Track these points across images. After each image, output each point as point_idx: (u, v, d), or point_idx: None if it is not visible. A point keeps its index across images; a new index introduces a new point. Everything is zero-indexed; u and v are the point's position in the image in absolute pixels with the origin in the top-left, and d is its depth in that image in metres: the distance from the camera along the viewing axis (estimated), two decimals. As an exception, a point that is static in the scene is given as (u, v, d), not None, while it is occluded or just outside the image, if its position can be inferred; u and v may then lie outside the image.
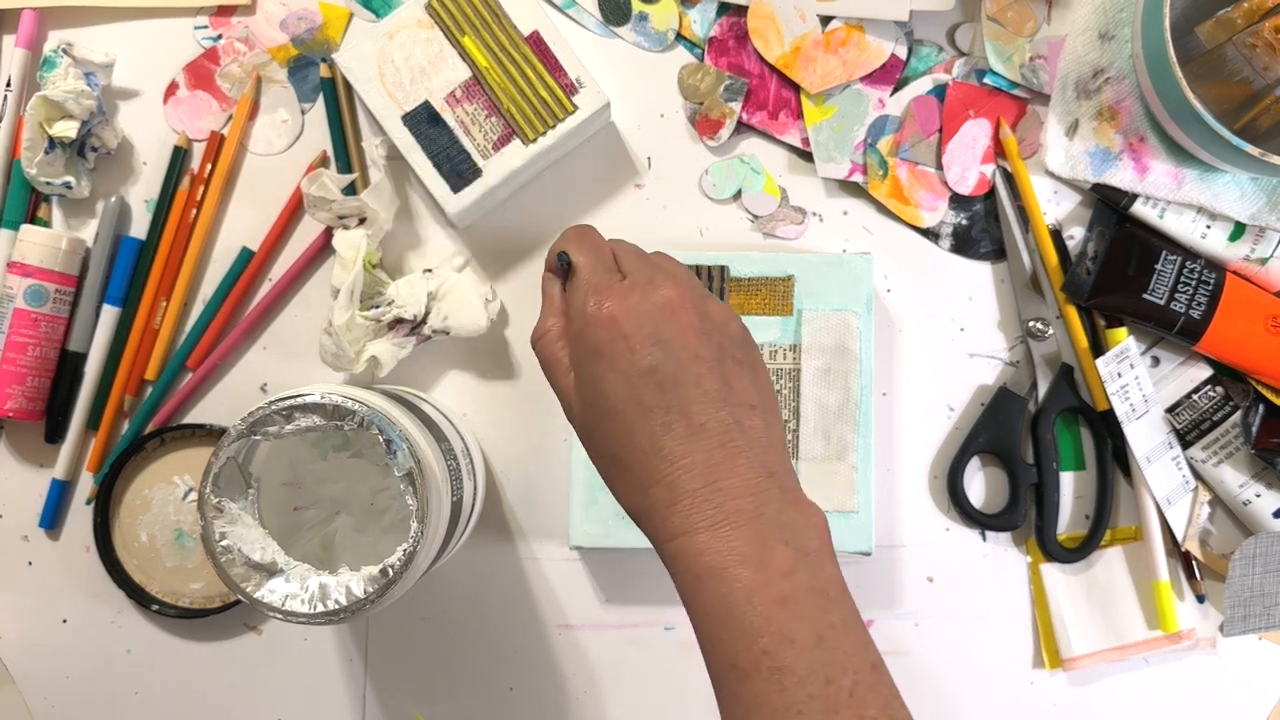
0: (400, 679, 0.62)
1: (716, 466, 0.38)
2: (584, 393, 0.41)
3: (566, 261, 0.43)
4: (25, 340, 0.59)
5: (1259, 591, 0.60)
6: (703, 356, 0.39)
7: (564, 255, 0.43)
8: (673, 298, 0.40)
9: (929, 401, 0.63)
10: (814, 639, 0.36)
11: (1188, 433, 0.61)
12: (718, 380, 0.39)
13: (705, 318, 0.41)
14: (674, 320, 0.39)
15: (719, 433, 0.39)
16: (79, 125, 0.59)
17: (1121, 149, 0.61)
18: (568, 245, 0.44)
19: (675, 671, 0.62)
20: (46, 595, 0.62)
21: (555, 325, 0.43)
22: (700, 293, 0.42)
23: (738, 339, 0.42)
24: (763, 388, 0.41)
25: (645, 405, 0.39)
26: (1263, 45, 0.57)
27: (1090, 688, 0.62)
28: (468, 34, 0.58)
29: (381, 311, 0.59)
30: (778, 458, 0.40)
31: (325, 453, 0.57)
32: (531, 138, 0.58)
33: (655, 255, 0.44)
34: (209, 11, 0.62)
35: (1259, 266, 0.60)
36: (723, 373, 0.40)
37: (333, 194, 0.58)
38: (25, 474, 0.62)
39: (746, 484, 0.38)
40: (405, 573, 0.47)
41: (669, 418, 0.38)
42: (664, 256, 0.44)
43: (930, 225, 0.63)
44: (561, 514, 0.62)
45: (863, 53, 0.61)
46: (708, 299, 0.42)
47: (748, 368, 0.41)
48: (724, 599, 0.37)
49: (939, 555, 0.62)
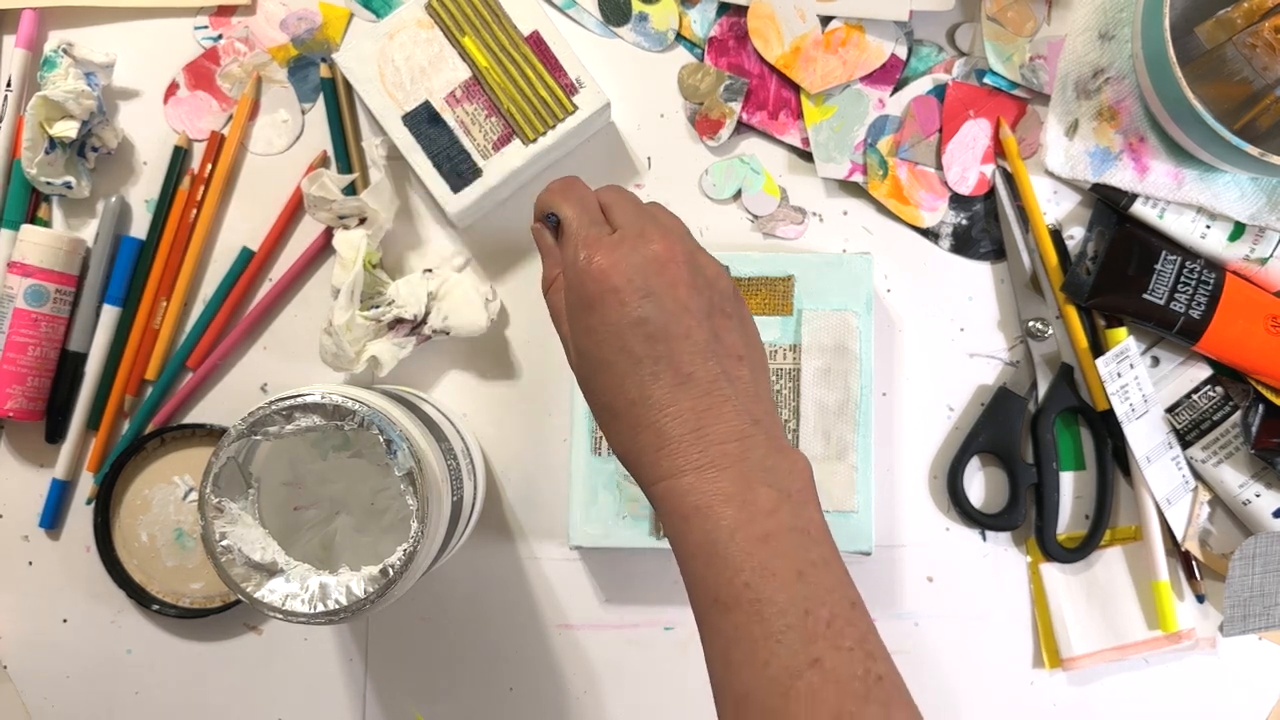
0: (400, 679, 0.62)
1: (703, 414, 0.39)
2: (578, 342, 0.42)
3: (555, 220, 0.44)
4: (25, 340, 0.59)
5: (1259, 591, 0.60)
6: (692, 309, 0.40)
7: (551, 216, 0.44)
8: (662, 251, 0.41)
9: (929, 401, 0.63)
10: (794, 574, 0.37)
11: (1187, 433, 0.61)
12: (706, 332, 0.40)
13: (696, 271, 0.41)
14: (663, 273, 0.40)
15: (706, 382, 0.40)
16: (79, 125, 0.59)
17: (1121, 149, 0.61)
18: (553, 199, 0.44)
19: (675, 671, 0.62)
20: (47, 595, 0.62)
21: (559, 274, 0.44)
22: (692, 246, 0.42)
23: (727, 293, 0.42)
24: (750, 340, 0.42)
25: (635, 356, 0.40)
26: (1263, 45, 0.57)
27: (1090, 688, 0.62)
28: (468, 34, 0.58)
29: (381, 311, 0.59)
30: (764, 407, 0.41)
31: (325, 453, 0.57)
32: (531, 138, 0.58)
33: (650, 206, 0.44)
34: (209, 11, 0.62)
35: (1259, 266, 0.60)
36: (711, 325, 0.41)
37: (333, 194, 0.58)
38: (25, 474, 0.62)
39: (732, 430, 0.39)
40: (405, 573, 0.47)
41: (657, 368, 0.39)
42: (658, 207, 0.44)
43: (930, 225, 0.63)
44: (561, 514, 0.62)
45: (863, 53, 0.61)
46: (699, 253, 0.42)
47: (736, 321, 0.42)
48: (708, 536, 0.38)
49: (939, 555, 0.62)
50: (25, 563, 0.62)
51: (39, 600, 0.62)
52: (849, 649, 0.36)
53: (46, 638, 0.62)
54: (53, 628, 0.62)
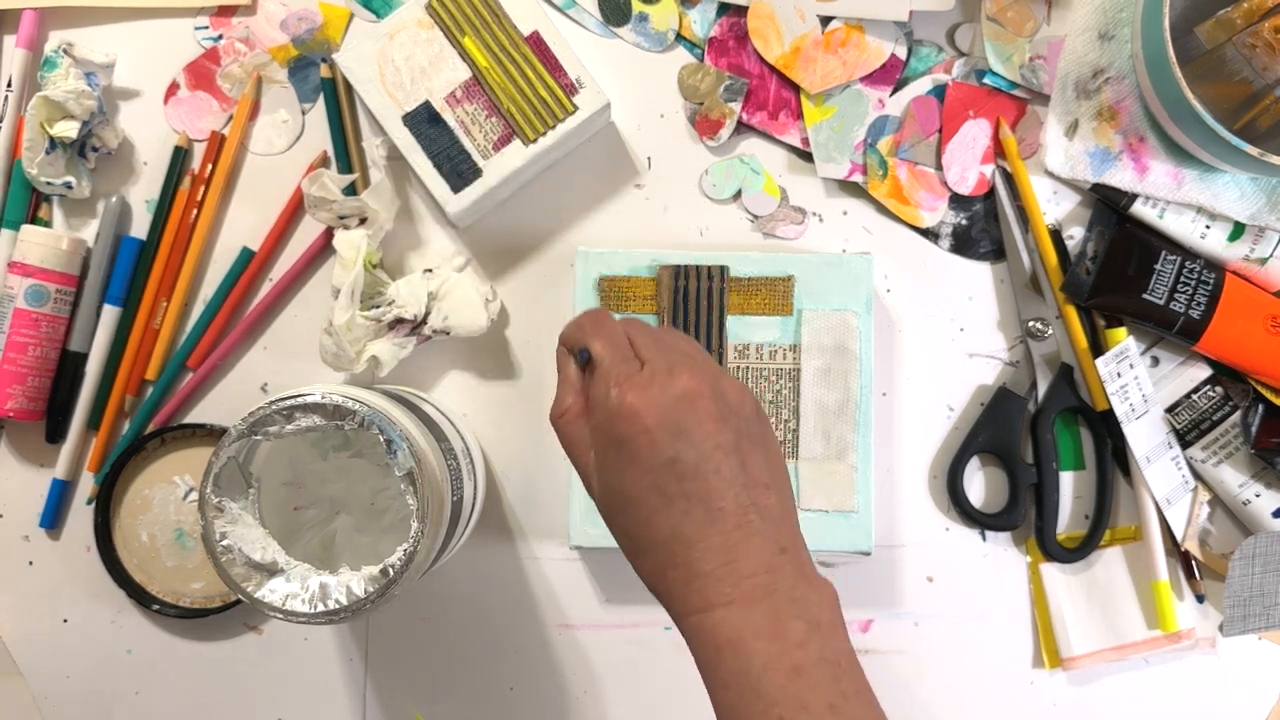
0: (400, 679, 0.62)
1: (733, 548, 0.40)
2: (605, 477, 0.42)
3: (587, 356, 0.44)
4: (26, 340, 0.59)
5: (1259, 591, 0.60)
6: (722, 444, 0.40)
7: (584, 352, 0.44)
8: (691, 387, 0.41)
9: (929, 401, 0.63)
10: (826, 707, 0.37)
11: (1187, 433, 0.61)
12: (735, 464, 0.41)
13: (721, 401, 0.41)
14: (693, 410, 0.40)
15: (736, 515, 0.40)
16: (79, 125, 0.59)
17: (1121, 149, 0.61)
18: (584, 334, 0.44)
19: (675, 671, 0.62)
20: (47, 595, 0.62)
21: (575, 404, 0.44)
22: (715, 373, 0.43)
23: (751, 417, 0.43)
24: (774, 463, 0.43)
25: (667, 494, 0.40)
26: (1263, 45, 0.57)
27: (1090, 687, 0.62)
28: (468, 34, 0.58)
29: (382, 311, 0.59)
30: (790, 532, 0.41)
31: (325, 453, 0.57)
32: (532, 138, 0.58)
33: (667, 335, 0.44)
34: (209, 12, 0.62)
35: (1258, 266, 0.60)
36: (740, 456, 0.41)
37: (333, 194, 0.58)
38: (26, 474, 0.62)
39: (761, 562, 0.40)
40: (405, 573, 0.47)
41: (689, 504, 0.40)
42: (677, 336, 0.45)
43: (930, 225, 0.63)
44: (561, 514, 0.62)
45: (863, 53, 0.61)
46: (722, 378, 0.43)
47: (761, 445, 0.42)
48: (741, 669, 0.38)
49: (939, 555, 0.62)
50: (25, 563, 0.63)
51: (39, 600, 0.62)
52: None
53: (46, 638, 0.62)
54: (53, 628, 0.62)
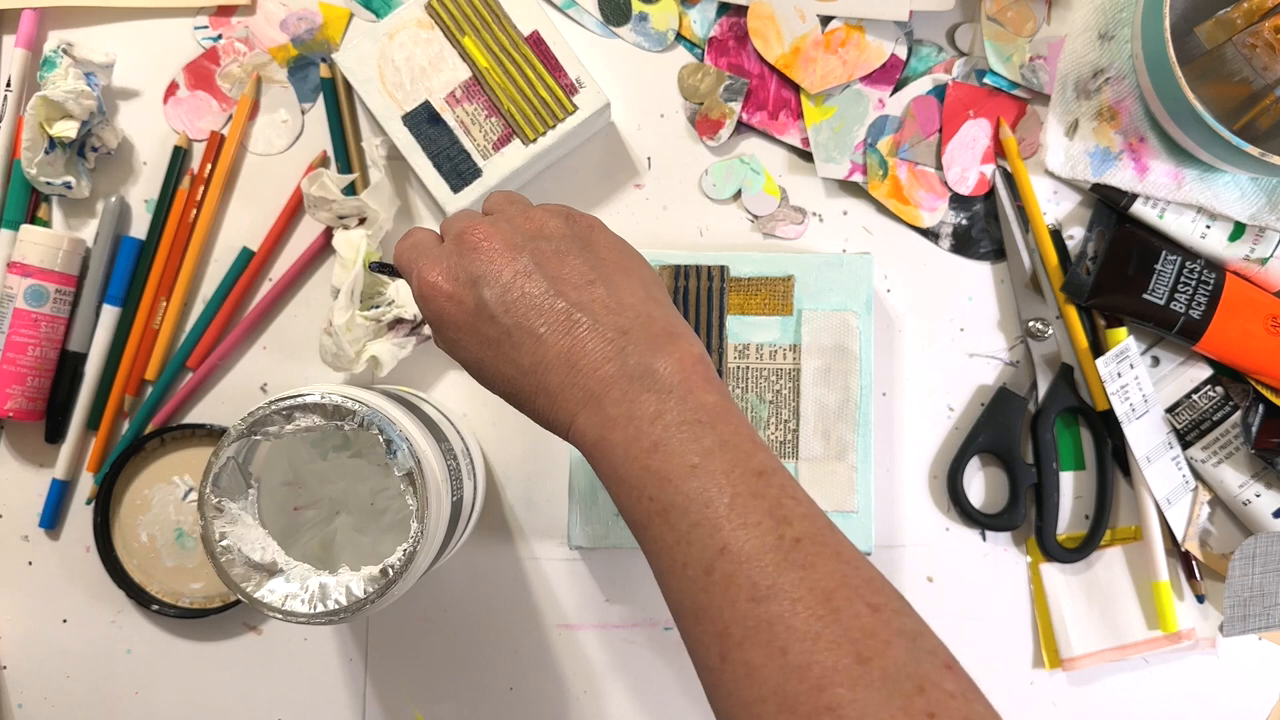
0: (400, 679, 0.62)
1: (568, 354, 0.40)
2: (458, 356, 0.43)
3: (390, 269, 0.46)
4: (25, 340, 0.59)
5: (1259, 591, 0.60)
6: (520, 269, 0.41)
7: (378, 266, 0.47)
8: (480, 239, 0.41)
9: (929, 402, 0.63)
10: (687, 470, 0.37)
11: (1188, 433, 0.61)
12: (540, 281, 0.40)
13: (513, 234, 0.42)
14: (479, 255, 0.41)
15: (559, 324, 0.40)
16: (79, 125, 0.59)
17: (1121, 149, 0.61)
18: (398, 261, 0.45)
19: (675, 671, 0.62)
20: (46, 595, 0.62)
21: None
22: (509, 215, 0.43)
23: (555, 234, 0.42)
24: (599, 259, 0.42)
25: (492, 339, 0.41)
26: (1263, 45, 0.57)
27: (1090, 688, 0.62)
28: (468, 34, 0.58)
29: (381, 311, 0.59)
30: (631, 314, 0.41)
31: (325, 453, 0.57)
32: (531, 138, 0.58)
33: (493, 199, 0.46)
34: (209, 11, 0.62)
35: (1259, 266, 0.60)
36: (544, 272, 0.41)
37: (333, 194, 0.58)
38: (25, 474, 0.62)
39: (599, 353, 0.40)
40: (405, 573, 0.47)
41: (514, 336, 0.40)
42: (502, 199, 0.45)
43: (930, 225, 0.63)
44: (561, 514, 0.62)
45: (863, 53, 0.61)
46: (517, 216, 0.43)
47: (576, 251, 0.42)
48: (611, 466, 0.39)
49: (939, 555, 0.62)
50: (25, 563, 0.63)
51: (39, 600, 0.62)
52: (756, 523, 0.36)
53: (46, 638, 0.62)
54: (52, 628, 0.62)
